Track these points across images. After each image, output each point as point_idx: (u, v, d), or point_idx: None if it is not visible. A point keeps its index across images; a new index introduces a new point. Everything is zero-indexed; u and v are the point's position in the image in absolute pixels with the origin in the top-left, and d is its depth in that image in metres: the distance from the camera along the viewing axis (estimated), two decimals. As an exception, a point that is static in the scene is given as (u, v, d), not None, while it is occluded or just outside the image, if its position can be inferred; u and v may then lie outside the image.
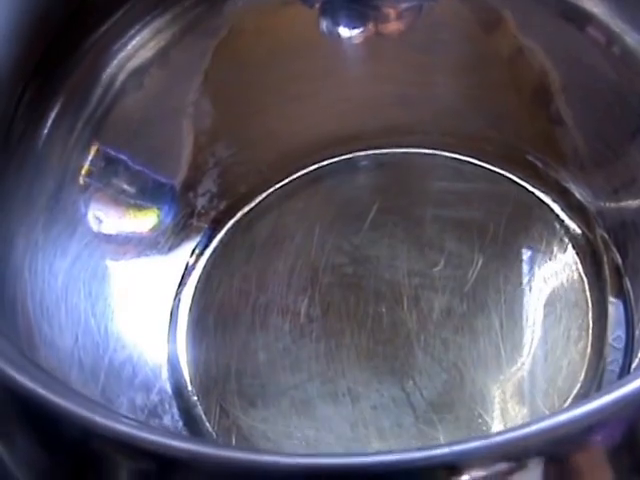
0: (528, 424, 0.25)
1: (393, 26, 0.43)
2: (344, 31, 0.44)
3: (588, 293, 0.39)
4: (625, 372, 0.37)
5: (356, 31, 0.44)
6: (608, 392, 0.25)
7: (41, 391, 0.27)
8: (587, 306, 0.39)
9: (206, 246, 0.42)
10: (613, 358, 0.37)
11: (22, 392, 0.27)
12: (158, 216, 0.42)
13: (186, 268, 0.42)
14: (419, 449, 0.25)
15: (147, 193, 0.42)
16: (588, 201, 0.41)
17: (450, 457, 0.25)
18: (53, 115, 0.39)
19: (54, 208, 0.39)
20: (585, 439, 0.26)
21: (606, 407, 0.25)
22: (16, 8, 0.37)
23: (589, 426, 0.26)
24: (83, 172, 0.40)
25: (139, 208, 0.42)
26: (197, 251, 0.42)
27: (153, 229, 0.42)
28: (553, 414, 0.25)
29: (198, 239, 0.42)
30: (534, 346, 0.38)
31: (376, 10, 0.43)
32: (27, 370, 0.28)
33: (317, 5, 0.43)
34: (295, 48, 0.43)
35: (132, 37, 0.41)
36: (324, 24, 0.44)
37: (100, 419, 0.26)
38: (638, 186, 0.40)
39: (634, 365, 0.37)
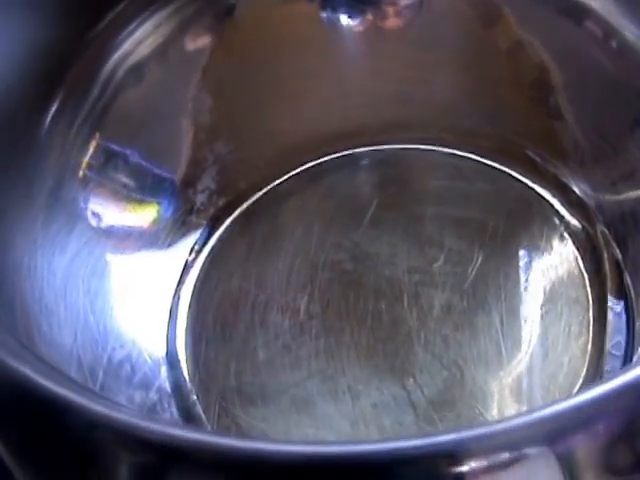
0: (529, 412, 0.25)
1: (392, 22, 0.44)
2: (344, 27, 0.44)
3: (588, 289, 0.39)
4: (628, 361, 0.37)
5: (356, 27, 0.44)
6: (609, 381, 0.25)
7: (43, 382, 0.27)
8: (587, 302, 0.39)
9: (205, 243, 0.42)
10: (613, 362, 0.37)
11: (24, 383, 0.27)
12: (158, 211, 0.42)
13: (185, 265, 0.41)
14: (420, 436, 0.24)
15: (147, 188, 0.42)
16: (588, 196, 0.41)
17: (450, 445, 0.24)
18: (53, 111, 0.39)
19: (54, 205, 0.39)
20: (587, 428, 0.26)
21: (608, 396, 0.25)
22: (14, 4, 0.37)
23: (591, 415, 0.25)
24: (83, 167, 0.40)
25: (139, 202, 0.42)
26: (196, 248, 0.42)
27: (153, 223, 0.42)
28: (554, 402, 0.25)
29: (197, 236, 0.42)
30: (535, 343, 0.38)
31: (376, 7, 0.44)
32: (29, 361, 0.28)
33: (317, 1, 0.44)
34: (295, 44, 0.43)
35: (131, 32, 0.41)
36: (324, 20, 0.44)
37: (102, 409, 0.26)
38: (637, 178, 0.40)
39: (635, 357, 0.37)
